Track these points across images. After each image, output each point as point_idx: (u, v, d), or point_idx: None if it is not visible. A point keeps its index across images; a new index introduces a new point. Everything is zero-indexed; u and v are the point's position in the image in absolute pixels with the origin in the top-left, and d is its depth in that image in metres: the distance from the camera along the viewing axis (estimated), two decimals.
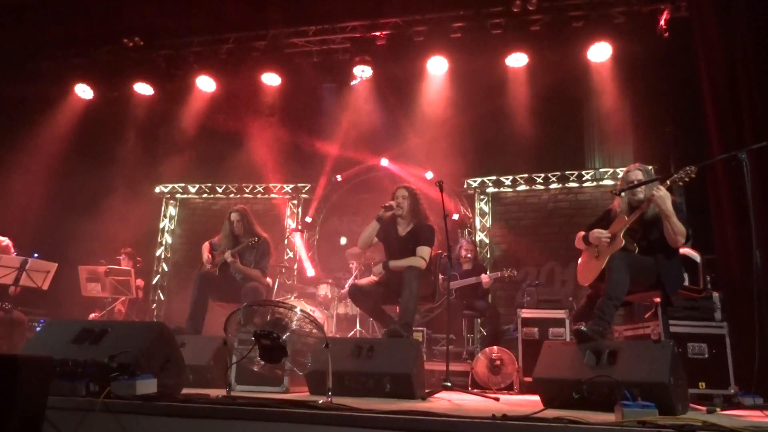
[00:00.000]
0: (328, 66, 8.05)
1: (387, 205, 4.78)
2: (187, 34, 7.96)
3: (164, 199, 9.29)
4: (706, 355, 4.60)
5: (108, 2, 7.61)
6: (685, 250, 4.76)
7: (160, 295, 8.88)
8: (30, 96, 8.30)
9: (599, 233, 3.91)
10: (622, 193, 3.92)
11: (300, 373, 3.38)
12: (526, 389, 5.23)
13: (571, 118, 7.80)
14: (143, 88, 8.42)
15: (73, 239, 7.50)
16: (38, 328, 6.41)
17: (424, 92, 7.85)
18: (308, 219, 8.65)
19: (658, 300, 4.04)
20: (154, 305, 8.69)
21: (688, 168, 3.66)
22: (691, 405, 3.41)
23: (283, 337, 3.00)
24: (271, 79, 8.12)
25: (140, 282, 7.32)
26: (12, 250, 6.14)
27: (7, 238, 6.18)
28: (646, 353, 3.16)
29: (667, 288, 3.74)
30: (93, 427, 2.48)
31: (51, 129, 8.30)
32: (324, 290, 6.80)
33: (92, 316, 6.80)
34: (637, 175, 3.94)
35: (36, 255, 6.11)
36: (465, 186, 8.20)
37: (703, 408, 3.39)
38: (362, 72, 7.77)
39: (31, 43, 8.25)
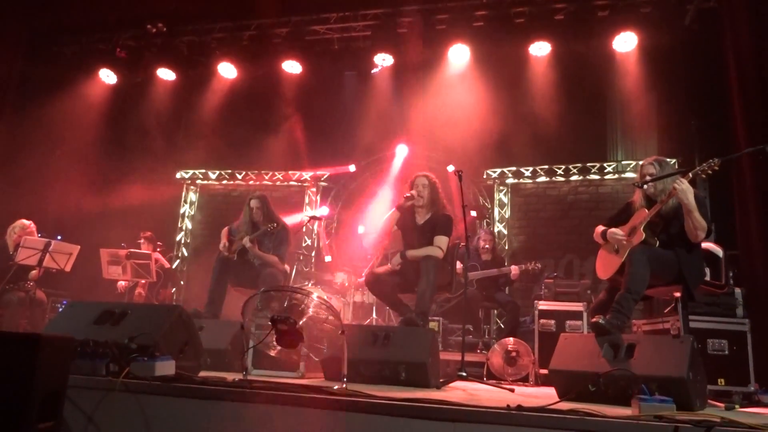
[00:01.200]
0: (349, 54, 8.03)
1: (408, 195, 4.76)
2: (209, 21, 7.99)
3: (185, 185, 9.38)
4: (727, 352, 4.53)
5: None
6: (707, 245, 4.68)
7: (180, 279, 8.98)
8: (55, 79, 8.39)
9: (615, 233, 3.86)
10: (644, 186, 3.86)
11: (316, 359, 3.40)
12: (541, 381, 5.21)
13: (593, 109, 7.68)
14: (166, 74, 8.49)
15: (95, 222, 7.61)
16: (60, 309, 6.53)
17: (445, 81, 7.79)
18: (326, 207, 8.67)
19: (678, 295, 3.98)
20: (174, 289, 8.80)
21: (711, 161, 3.59)
22: (710, 401, 3.37)
23: (300, 323, 3.02)
24: (292, 67, 8.13)
25: (165, 263, 7.42)
26: (36, 234, 6.25)
27: (32, 222, 6.29)
28: (665, 348, 3.12)
29: (688, 283, 3.68)
30: (112, 407, 2.53)
31: (75, 113, 8.39)
32: (341, 278, 6.82)
33: (121, 284, 6.90)
34: (650, 170, 3.88)
35: (59, 237, 6.21)
36: (484, 176, 8.15)
37: (722, 405, 3.35)
38: (383, 60, 7.74)
39: (56, 27, 8.35)
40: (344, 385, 2.88)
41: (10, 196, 7.41)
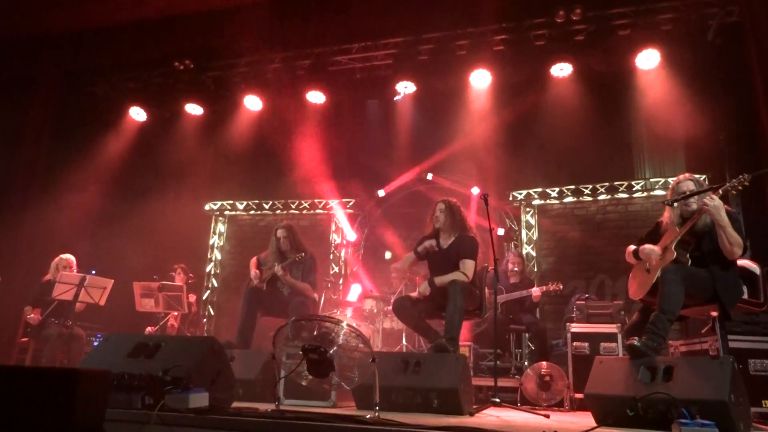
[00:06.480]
0: (372, 82, 8.13)
1: (427, 244, 4.79)
2: (234, 56, 8.20)
3: (213, 216, 9.52)
4: None
5: (160, 27, 7.96)
6: (743, 262, 4.57)
7: (210, 309, 9.07)
8: (87, 119, 8.71)
9: (650, 250, 3.78)
10: (675, 204, 3.81)
11: (347, 388, 3.38)
12: (577, 406, 5.11)
13: (619, 127, 7.61)
14: (193, 109, 8.72)
15: (127, 256, 7.77)
16: (95, 343, 6.64)
17: (468, 105, 7.83)
18: (353, 234, 8.71)
19: (715, 314, 3.89)
20: (205, 320, 8.88)
21: (741, 176, 3.53)
22: (754, 424, 3.26)
23: (331, 352, 3.02)
24: (315, 97, 8.27)
25: (193, 297, 7.49)
26: (74, 268, 6.40)
27: (72, 256, 6.46)
28: (705, 370, 3.03)
29: (724, 301, 3.59)
30: None
31: (107, 150, 8.67)
32: (369, 305, 6.81)
33: (148, 330, 7.00)
34: (689, 186, 3.81)
35: (94, 272, 6.35)
36: (510, 198, 8.10)
37: (767, 428, 3.24)
38: (405, 87, 7.82)
39: (88, 69, 8.68)
40: (377, 414, 2.86)
41: (45, 232, 7.64)
